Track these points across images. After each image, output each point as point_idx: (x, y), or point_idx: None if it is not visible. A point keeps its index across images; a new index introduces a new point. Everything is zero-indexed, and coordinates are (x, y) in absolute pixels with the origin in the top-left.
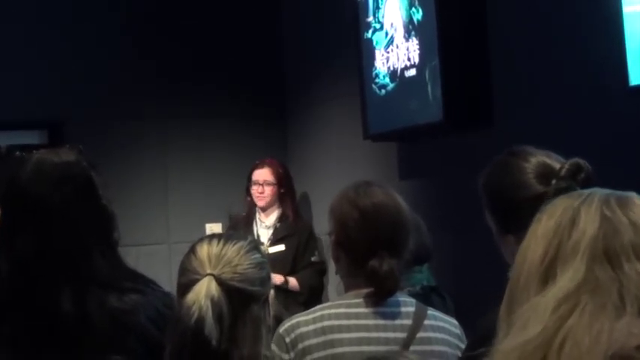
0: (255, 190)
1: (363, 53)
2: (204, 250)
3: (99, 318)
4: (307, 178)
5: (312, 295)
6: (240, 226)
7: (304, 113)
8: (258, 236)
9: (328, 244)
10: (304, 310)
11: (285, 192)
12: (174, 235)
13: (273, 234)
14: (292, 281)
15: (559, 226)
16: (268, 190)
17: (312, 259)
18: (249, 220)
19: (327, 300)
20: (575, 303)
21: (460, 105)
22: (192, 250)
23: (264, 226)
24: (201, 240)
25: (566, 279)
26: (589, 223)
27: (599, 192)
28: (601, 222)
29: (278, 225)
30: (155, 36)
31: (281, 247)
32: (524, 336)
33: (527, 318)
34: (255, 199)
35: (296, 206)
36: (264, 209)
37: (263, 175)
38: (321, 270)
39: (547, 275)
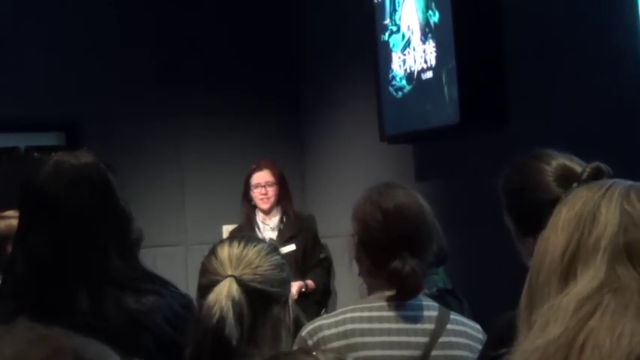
0: (257, 193)
1: (380, 55)
2: (225, 252)
3: (116, 318)
4: (323, 180)
5: (324, 293)
6: (245, 232)
7: (321, 115)
8: (263, 239)
9: (348, 245)
10: (318, 308)
11: (284, 191)
12: (192, 237)
13: (279, 235)
14: (310, 284)
15: (579, 220)
16: (271, 191)
17: (321, 256)
18: (251, 226)
19: (335, 295)
20: (596, 303)
21: (476, 107)
22: (213, 252)
23: (269, 228)
24: (221, 241)
25: (587, 278)
26: (610, 219)
27: (620, 184)
28: (621, 217)
29: (282, 226)
30: (171, 36)
31: (292, 247)
32: (546, 337)
33: (548, 318)
34: (259, 203)
35: (292, 204)
36: (268, 211)
37: (264, 177)
38: (329, 266)
39: (568, 272)
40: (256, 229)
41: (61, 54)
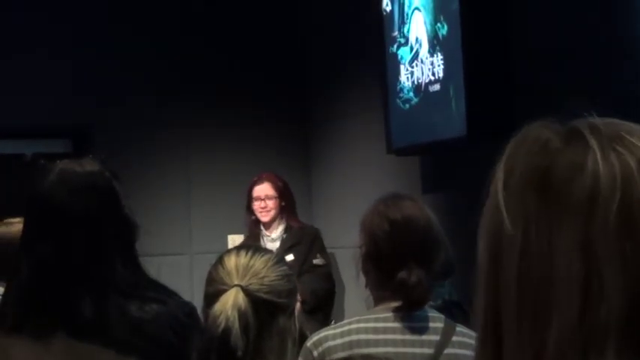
0: (257, 205)
1: (388, 67)
2: (231, 261)
3: (119, 326)
4: (330, 192)
5: (318, 301)
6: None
7: (328, 127)
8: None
9: (355, 256)
10: (310, 318)
11: (287, 204)
12: (197, 246)
13: (281, 246)
14: None
15: None
16: (271, 204)
17: (314, 261)
18: (256, 238)
19: (341, 305)
20: None
21: (484, 119)
22: (220, 261)
23: (271, 239)
24: (228, 251)
25: None
26: None
27: None
28: None
29: (284, 236)
30: (181, 46)
31: (290, 257)
32: None
33: None
34: (259, 215)
35: (297, 216)
36: (269, 224)
37: (264, 190)
38: (325, 273)
39: None
40: (260, 241)
41: (69, 62)
